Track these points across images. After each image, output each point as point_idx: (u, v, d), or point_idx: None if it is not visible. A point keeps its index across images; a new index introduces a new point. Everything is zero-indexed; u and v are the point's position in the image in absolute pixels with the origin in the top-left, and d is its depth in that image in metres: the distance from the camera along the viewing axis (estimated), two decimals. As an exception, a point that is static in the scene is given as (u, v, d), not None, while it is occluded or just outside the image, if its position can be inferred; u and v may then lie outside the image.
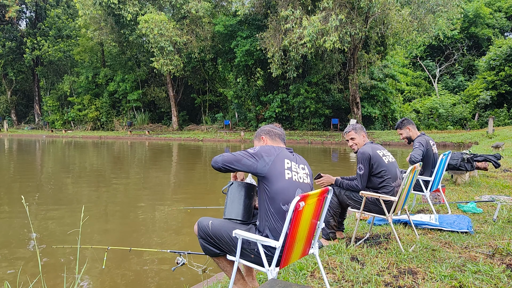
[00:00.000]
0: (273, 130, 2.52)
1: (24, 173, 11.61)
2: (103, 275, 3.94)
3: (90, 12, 28.51)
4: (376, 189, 3.33)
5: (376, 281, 2.60)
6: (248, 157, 2.22)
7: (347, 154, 16.44)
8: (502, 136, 17.25)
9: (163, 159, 16.02)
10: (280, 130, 2.55)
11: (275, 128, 2.55)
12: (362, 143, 3.50)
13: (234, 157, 2.22)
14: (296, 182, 2.27)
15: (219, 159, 2.25)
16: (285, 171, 2.24)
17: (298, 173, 2.31)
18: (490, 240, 3.41)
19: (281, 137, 2.52)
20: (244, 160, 2.21)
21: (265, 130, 2.53)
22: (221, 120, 31.56)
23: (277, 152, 2.28)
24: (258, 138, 2.53)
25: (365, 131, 3.60)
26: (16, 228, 5.60)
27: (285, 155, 2.31)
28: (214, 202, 7.14)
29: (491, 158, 6.37)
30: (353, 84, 24.25)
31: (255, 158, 2.21)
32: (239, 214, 2.40)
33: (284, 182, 2.21)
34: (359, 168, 3.33)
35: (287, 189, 2.21)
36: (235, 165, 2.22)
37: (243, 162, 2.21)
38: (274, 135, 2.50)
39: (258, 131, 2.57)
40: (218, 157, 2.26)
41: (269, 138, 2.49)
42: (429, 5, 21.95)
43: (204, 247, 2.38)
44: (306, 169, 2.41)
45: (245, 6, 24.66)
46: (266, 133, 2.51)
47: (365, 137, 3.55)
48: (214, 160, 2.26)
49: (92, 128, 36.74)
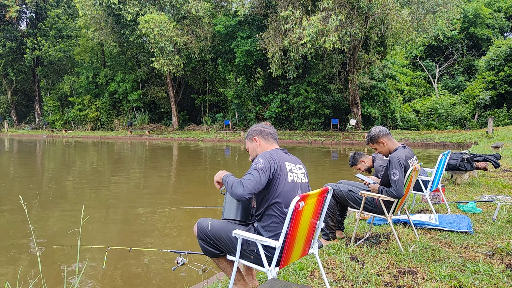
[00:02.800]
0: (265, 130, 2.47)
1: (24, 173, 11.61)
2: (103, 275, 3.94)
3: (90, 12, 28.50)
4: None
5: (376, 281, 2.60)
6: (261, 176, 2.13)
7: (347, 154, 16.44)
8: (501, 136, 17.25)
9: (163, 159, 16.03)
10: (271, 129, 2.51)
11: (266, 127, 2.50)
12: (385, 150, 3.38)
13: (255, 183, 2.10)
14: (297, 183, 2.29)
15: (241, 192, 2.08)
16: (287, 173, 2.26)
17: (297, 174, 2.33)
18: (490, 240, 3.41)
19: (274, 137, 2.48)
20: (261, 180, 2.13)
21: (257, 130, 2.48)
22: (221, 120, 31.56)
23: (277, 157, 2.27)
24: (251, 139, 2.49)
25: (384, 136, 3.38)
26: (16, 228, 5.60)
27: (284, 158, 2.32)
28: (214, 202, 7.15)
29: (490, 158, 6.38)
30: (353, 84, 24.26)
31: (265, 174, 2.15)
32: (238, 215, 2.40)
33: (288, 185, 2.23)
34: (393, 174, 3.13)
35: (290, 192, 2.23)
36: (258, 190, 2.14)
37: (262, 183, 2.13)
38: (266, 135, 2.46)
39: (249, 132, 2.51)
40: (238, 188, 2.10)
41: (262, 138, 2.45)
42: (429, 5, 21.94)
43: (203, 248, 2.38)
44: (302, 168, 2.42)
45: (245, 7, 24.66)
46: (259, 134, 2.46)
47: (386, 143, 3.37)
48: (237, 193, 2.09)
49: (93, 128, 36.74)
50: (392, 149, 3.34)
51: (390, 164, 3.17)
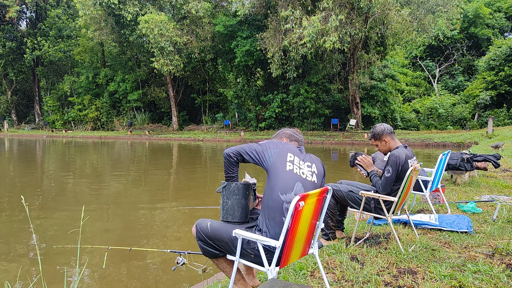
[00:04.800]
0: (294, 135, 2.56)
1: (25, 173, 11.61)
2: (103, 275, 3.94)
3: (90, 12, 28.51)
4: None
5: (376, 281, 2.60)
6: (257, 147, 2.30)
7: (347, 154, 16.44)
8: (501, 136, 17.26)
9: (163, 159, 16.03)
10: (300, 136, 2.59)
11: (296, 133, 2.59)
12: (386, 148, 3.39)
13: (245, 148, 2.31)
14: (297, 175, 2.25)
15: (231, 149, 2.33)
16: (286, 163, 2.25)
17: (301, 168, 2.29)
18: (490, 240, 3.41)
19: (300, 143, 2.55)
20: (253, 149, 2.30)
21: (287, 133, 2.57)
22: (221, 120, 31.56)
23: (282, 145, 2.34)
24: (279, 138, 2.56)
25: (388, 134, 3.37)
26: (16, 228, 5.60)
27: (290, 149, 2.33)
28: (214, 202, 7.15)
29: (490, 158, 6.38)
30: (353, 84, 24.25)
31: (262, 149, 2.29)
32: (236, 216, 2.36)
33: (285, 173, 2.22)
34: (387, 171, 3.18)
35: (286, 180, 2.20)
36: (245, 156, 2.30)
37: (252, 151, 2.29)
38: (294, 140, 2.54)
39: (280, 132, 2.61)
40: (230, 148, 2.34)
41: (288, 142, 2.52)
42: (429, 5, 21.94)
43: (203, 249, 2.37)
44: (314, 167, 2.36)
45: (245, 7, 24.66)
46: (288, 137, 2.55)
47: (389, 141, 3.37)
48: (226, 151, 2.33)
49: (93, 128, 36.74)
50: (393, 149, 3.36)
51: (388, 160, 3.23)
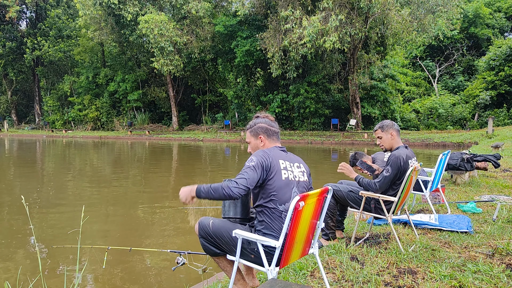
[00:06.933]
0: (270, 129, 2.47)
1: (25, 173, 11.61)
2: (103, 275, 3.94)
3: (90, 12, 28.51)
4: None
5: (376, 281, 2.60)
6: (254, 172, 2.18)
7: (346, 154, 16.44)
8: (501, 136, 17.26)
9: (163, 159, 16.03)
10: (276, 126, 2.52)
11: (272, 125, 2.49)
12: (389, 143, 3.39)
13: (247, 179, 2.14)
14: (292, 181, 2.29)
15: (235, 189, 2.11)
16: (281, 172, 2.26)
17: (293, 172, 2.33)
18: (490, 240, 3.41)
19: (278, 135, 2.51)
20: (254, 177, 2.17)
21: (263, 128, 2.46)
22: (221, 120, 31.56)
23: (271, 155, 2.28)
24: (255, 135, 2.47)
25: (395, 130, 3.38)
26: (16, 228, 5.60)
27: (279, 156, 2.32)
28: (214, 202, 7.15)
29: (490, 158, 6.38)
30: (353, 84, 24.26)
31: (258, 171, 2.19)
32: (238, 212, 2.44)
33: (282, 182, 2.24)
34: (386, 170, 3.19)
35: (283, 189, 2.24)
36: (251, 186, 2.17)
37: (255, 179, 2.17)
38: (272, 134, 2.47)
39: (255, 127, 2.48)
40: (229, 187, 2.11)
41: (267, 138, 2.46)
42: (429, 5, 21.95)
43: (204, 246, 2.40)
44: (302, 167, 2.41)
45: (245, 7, 24.68)
46: (264, 132, 2.46)
47: (394, 136, 3.37)
48: (229, 192, 2.10)
49: (93, 128, 36.73)
50: (394, 147, 3.37)
51: (389, 160, 3.24)
